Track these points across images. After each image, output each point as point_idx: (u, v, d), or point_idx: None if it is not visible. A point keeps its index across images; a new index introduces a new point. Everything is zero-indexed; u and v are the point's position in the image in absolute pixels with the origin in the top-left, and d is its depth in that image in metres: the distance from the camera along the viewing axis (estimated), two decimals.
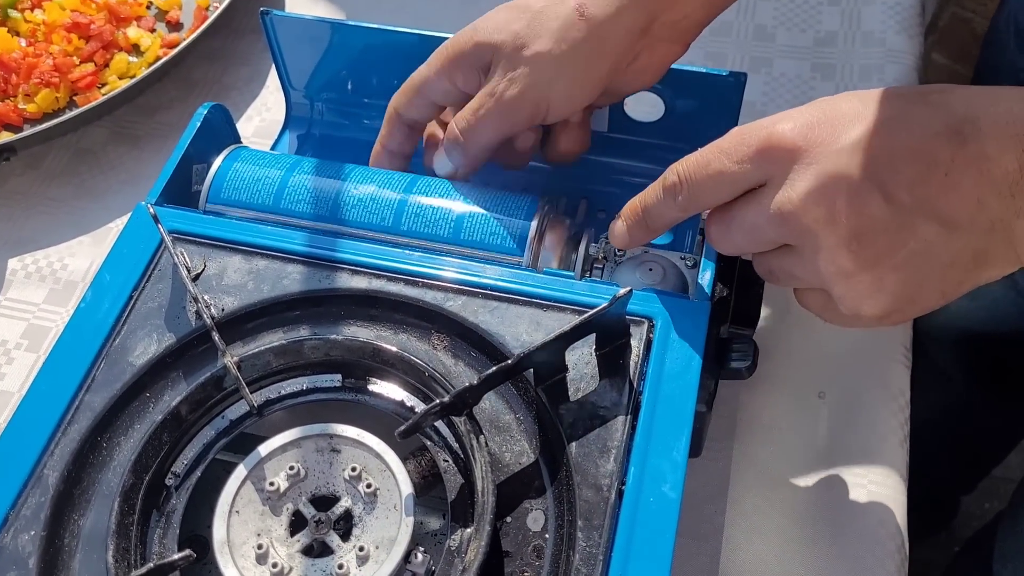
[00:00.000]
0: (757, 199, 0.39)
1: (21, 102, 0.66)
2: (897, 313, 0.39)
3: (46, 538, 0.39)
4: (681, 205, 0.42)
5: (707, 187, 0.41)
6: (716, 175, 0.40)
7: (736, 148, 0.39)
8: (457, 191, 0.49)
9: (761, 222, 0.39)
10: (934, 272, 0.37)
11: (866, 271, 0.37)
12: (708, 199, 0.41)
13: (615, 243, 0.46)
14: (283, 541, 0.39)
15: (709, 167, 0.40)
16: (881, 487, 0.48)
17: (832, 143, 0.37)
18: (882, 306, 0.38)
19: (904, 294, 0.38)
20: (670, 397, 0.41)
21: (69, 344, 0.44)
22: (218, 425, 0.43)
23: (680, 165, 0.42)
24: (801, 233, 0.38)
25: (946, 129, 0.35)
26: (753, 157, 0.39)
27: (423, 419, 0.38)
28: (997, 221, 0.35)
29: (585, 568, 0.37)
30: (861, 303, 0.38)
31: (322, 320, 0.45)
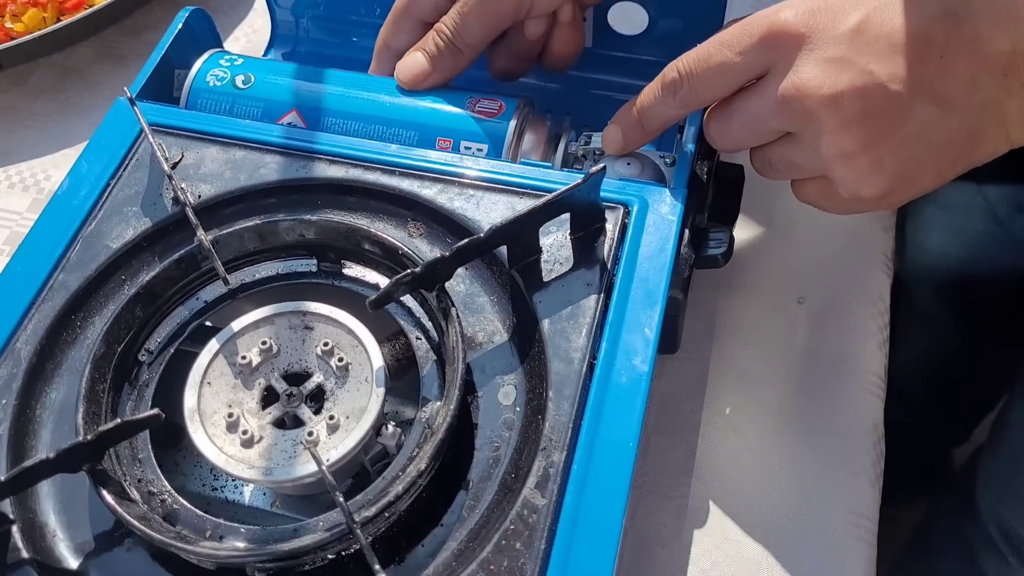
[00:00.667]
0: (759, 89, 0.40)
1: (8, 22, 0.66)
2: (895, 194, 0.40)
3: (17, 407, 0.39)
4: (681, 101, 0.42)
5: (709, 80, 0.41)
6: (718, 67, 0.40)
7: (739, 39, 0.40)
8: (435, 93, 0.49)
9: (764, 111, 0.40)
10: (931, 151, 0.38)
11: (867, 151, 0.38)
12: (710, 93, 0.42)
13: (608, 149, 0.46)
14: (254, 413, 0.39)
15: (711, 60, 0.40)
16: (858, 387, 0.48)
17: (833, 29, 0.37)
18: (881, 186, 0.39)
19: (902, 174, 0.39)
20: (643, 278, 0.41)
21: (45, 227, 0.44)
22: (192, 306, 0.43)
23: (680, 61, 0.42)
24: (804, 118, 0.38)
25: (940, 12, 0.36)
26: (756, 46, 0.39)
27: (394, 288, 0.38)
28: (990, 100, 0.37)
29: (555, 436, 0.37)
30: (861, 184, 0.39)
31: (299, 208, 0.45)
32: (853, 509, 0.44)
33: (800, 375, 0.48)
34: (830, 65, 0.37)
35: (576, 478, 0.36)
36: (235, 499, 0.42)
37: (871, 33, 0.37)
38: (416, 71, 0.48)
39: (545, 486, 0.36)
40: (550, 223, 0.42)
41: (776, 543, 0.43)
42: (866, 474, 0.45)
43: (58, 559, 0.36)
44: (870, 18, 0.37)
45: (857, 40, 0.37)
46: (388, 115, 0.48)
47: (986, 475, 0.66)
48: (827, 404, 0.47)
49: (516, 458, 0.37)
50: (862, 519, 0.44)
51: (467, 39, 0.48)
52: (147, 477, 0.38)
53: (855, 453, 0.46)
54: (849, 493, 0.45)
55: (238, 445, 0.38)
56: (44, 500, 0.38)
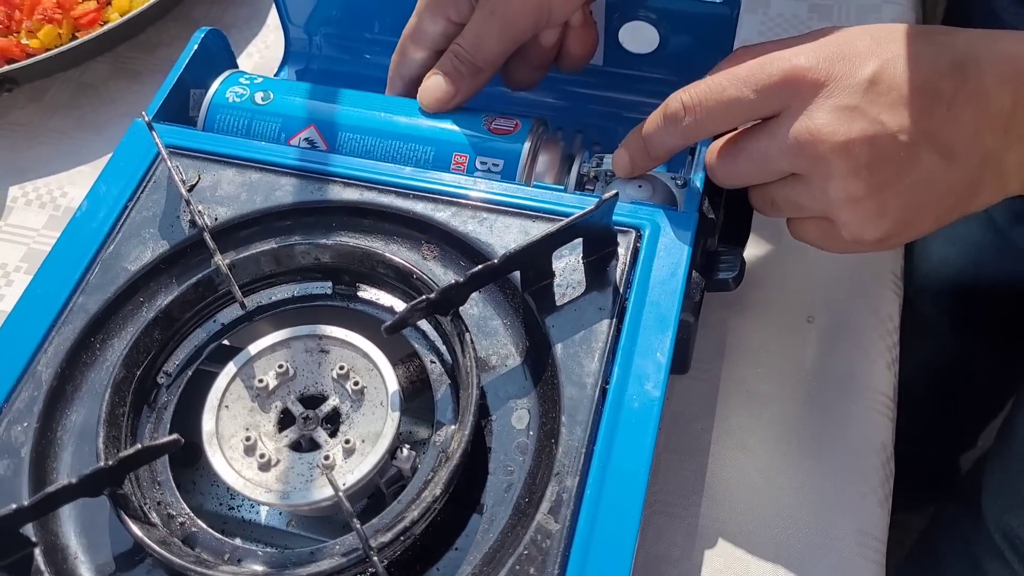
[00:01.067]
0: (770, 129, 0.41)
1: (24, 38, 0.66)
2: (895, 237, 0.41)
3: (39, 430, 0.40)
4: (684, 132, 0.43)
5: (718, 113, 0.42)
6: (731, 101, 0.41)
7: (756, 77, 0.40)
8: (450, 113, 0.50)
9: (774, 152, 0.41)
10: (932, 199, 0.39)
11: (873, 197, 0.39)
12: (716, 125, 0.42)
13: (618, 172, 0.47)
14: (271, 436, 0.40)
15: (724, 93, 0.41)
16: (867, 407, 0.48)
17: (850, 78, 0.39)
18: (883, 230, 0.40)
19: (904, 219, 0.40)
20: (655, 302, 0.41)
21: (64, 250, 0.45)
22: (210, 328, 0.44)
23: (686, 92, 0.43)
24: (815, 161, 0.39)
25: (950, 65, 0.38)
26: (774, 87, 0.40)
27: (409, 314, 0.39)
28: (990, 153, 0.38)
29: (568, 460, 0.38)
30: (865, 228, 0.40)
31: (314, 230, 0.45)
32: (862, 529, 0.44)
33: (809, 394, 0.49)
34: (844, 113, 0.38)
35: (589, 504, 0.36)
36: (251, 518, 0.43)
37: (884, 84, 0.38)
38: (439, 94, 0.48)
39: (559, 511, 0.36)
40: (563, 248, 0.43)
41: (785, 562, 0.44)
42: (875, 494, 0.46)
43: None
44: (884, 69, 0.38)
45: (871, 91, 0.38)
46: (406, 132, 0.49)
47: (991, 483, 0.66)
48: (836, 423, 0.48)
49: (530, 482, 0.38)
50: (870, 539, 0.44)
51: (487, 56, 0.48)
52: (166, 500, 0.39)
53: (864, 473, 0.46)
54: (858, 512, 0.45)
55: (255, 468, 0.39)
56: (66, 523, 0.38)
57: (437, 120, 0.49)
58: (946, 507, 0.74)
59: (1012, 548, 0.64)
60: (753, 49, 0.43)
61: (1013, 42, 0.38)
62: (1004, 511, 0.64)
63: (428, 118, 0.49)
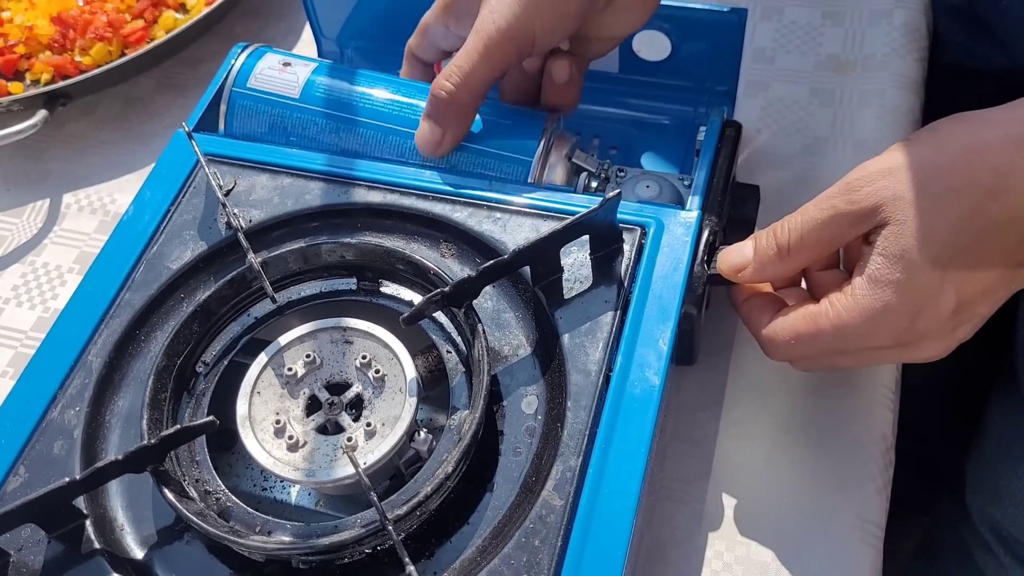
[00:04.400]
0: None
1: (77, 55, 0.71)
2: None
3: (89, 414, 0.44)
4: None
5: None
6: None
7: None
8: None
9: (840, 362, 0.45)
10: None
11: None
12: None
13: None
14: (300, 420, 0.43)
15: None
16: (869, 399, 0.50)
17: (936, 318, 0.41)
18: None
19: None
20: (658, 295, 0.44)
21: (113, 251, 0.49)
22: (244, 321, 0.47)
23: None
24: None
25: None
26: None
27: (425, 306, 0.42)
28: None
29: (572, 442, 0.40)
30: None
31: (340, 231, 0.49)
32: (861, 515, 0.46)
33: (813, 387, 0.51)
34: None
35: (591, 482, 0.39)
36: (283, 499, 0.46)
37: (966, 312, 0.41)
38: (428, 138, 0.49)
39: (562, 489, 0.39)
40: (571, 244, 0.45)
41: (785, 546, 0.46)
42: (874, 482, 0.47)
43: (125, 550, 0.41)
44: (962, 300, 0.40)
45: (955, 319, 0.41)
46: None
47: (973, 476, 0.67)
48: (838, 415, 0.50)
49: (537, 463, 0.41)
50: (869, 525, 0.46)
51: (471, 90, 0.48)
52: (204, 477, 0.42)
53: (864, 462, 0.48)
54: (857, 500, 0.47)
55: (284, 449, 0.42)
56: (113, 498, 0.42)
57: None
58: (942, 501, 0.75)
59: (999, 540, 0.65)
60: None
61: None
62: (987, 504, 0.65)
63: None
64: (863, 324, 0.41)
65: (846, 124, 0.61)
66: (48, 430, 0.43)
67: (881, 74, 0.63)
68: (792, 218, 0.43)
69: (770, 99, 0.63)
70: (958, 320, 0.41)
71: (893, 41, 0.64)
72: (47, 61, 0.70)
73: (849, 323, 0.41)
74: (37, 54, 0.71)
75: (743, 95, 0.63)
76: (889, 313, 0.40)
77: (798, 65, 0.65)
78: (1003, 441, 0.64)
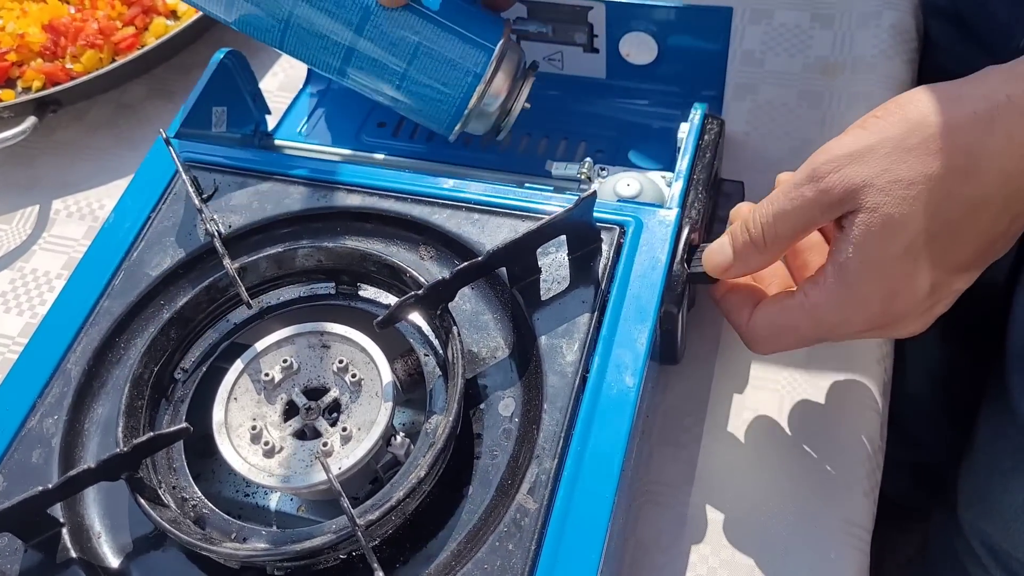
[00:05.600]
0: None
1: (68, 62, 0.71)
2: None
3: (68, 422, 0.44)
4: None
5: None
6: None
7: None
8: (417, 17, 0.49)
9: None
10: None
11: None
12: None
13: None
14: (276, 425, 0.43)
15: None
16: (856, 402, 0.49)
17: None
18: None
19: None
20: (636, 295, 0.43)
21: (93, 258, 0.49)
22: (223, 328, 0.47)
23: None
24: None
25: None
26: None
27: (399, 309, 0.42)
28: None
29: (548, 445, 0.40)
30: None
31: (320, 235, 0.48)
32: (847, 519, 0.46)
33: (800, 390, 0.50)
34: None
35: (566, 484, 0.39)
36: (264, 504, 0.46)
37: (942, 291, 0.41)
38: None
39: (537, 491, 0.39)
40: (549, 245, 0.45)
41: (771, 550, 0.45)
42: (860, 485, 0.47)
43: (102, 559, 0.41)
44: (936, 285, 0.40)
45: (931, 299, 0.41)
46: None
47: (965, 490, 0.66)
48: (825, 418, 0.49)
49: (512, 465, 0.40)
50: (856, 528, 0.45)
51: None
52: (180, 484, 0.42)
53: (850, 466, 0.47)
54: (844, 503, 0.46)
55: (260, 455, 0.42)
56: (90, 506, 0.42)
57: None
58: (935, 512, 0.74)
59: (990, 554, 0.64)
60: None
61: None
62: (978, 518, 0.64)
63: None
64: (837, 313, 0.40)
65: (834, 126, 0.60)
66: (27, 439, 0.43)
67: (870, 76, 0.62)
68: (763, 208, 0.41)
69: (759, 102, 0.62)
70: (935, 299, 0.40)
71: (882, 43, 0.64)
72: (38, 68, 0.70)
73: (824, 312, 0.41)
74: (28, 62, 0.71)
75: (732, 98, 0.62)
76: (863, 301, 0.40)
77: (787, 68, 0.64)
78: (993, 456, 0.63)
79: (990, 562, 0.63)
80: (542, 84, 0.56)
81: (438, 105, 0.50)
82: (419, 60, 0.49)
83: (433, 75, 0.49)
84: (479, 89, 0.49)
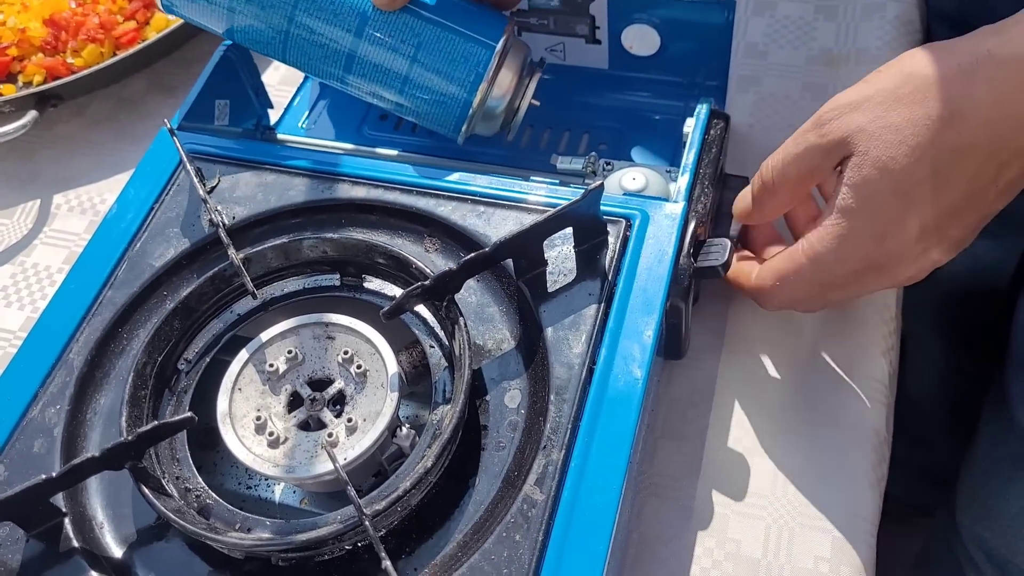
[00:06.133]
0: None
1: (69, 57, 0.71)
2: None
3: (70, 412, 0.43)
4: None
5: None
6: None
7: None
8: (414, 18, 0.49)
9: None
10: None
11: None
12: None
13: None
14: (281, 416, 0.43)
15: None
16: (862, 393, 0.49)
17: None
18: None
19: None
20: (642, 288, 0.43)
21: (96, 249, 0.49)
22: (227, 319, 0.47)
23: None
24: None
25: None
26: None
27: (405, 300, 0.41)
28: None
29: (555, 436, 0.40)
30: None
31: (325, 226, 0.48)
32: (853, 511, 0.46)
33: (805, 382, 0.50)
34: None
35: (573, 475, 0.38)
36: (267, 497, 0.46)
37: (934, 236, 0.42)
38: None
39: (544, 483, 0.38)
40: (556, 237, 0.45)
41: (776, 542, 0.45)
42: (867, 478, 0.47)
43: (104, 549, 0.40)
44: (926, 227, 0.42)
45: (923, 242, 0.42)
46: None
47: (963, 494, 0.66)
48: (831, 410, 0.49)
49: (519, 456, 0.40)
50: (861, 520, 0.45)
51: None
52: (184, 475, 0.42)
53: (857, 458, 0.47)
54: (850, 495, 0.46)
55: (265, 446, 0.41)
56: (93, 496, 0.42)
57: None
58: (936, 515, 0.74)
59: (988, 559, 0.64)
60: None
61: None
62: (976, 523, 0.64)
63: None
64: (833, 251, 0.43)
65: None
66: (28, 428, 0.43)
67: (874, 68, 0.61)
68: (773, 156, 0.45)
69: (762, 94, 0.63)
70: (927, 243, 0.42)
71: (886, 35, 0.64)
72: (39, 63, 0.70)
73: (821, 252, 0.43)
74: (29, 56, 0.71)
75: (735, 90, 0.62)
76: (855, 237, 0.42)
77: (790, 60, 0.64)
78: (992, 462, 0.63)
79: (987, 567, 0.63)
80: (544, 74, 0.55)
81: (442, 108, 0.50)
82: (419, 62, 0.48)
83: (434, 77, 0.49)
84: (482, 88, 0.49)
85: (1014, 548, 0.60)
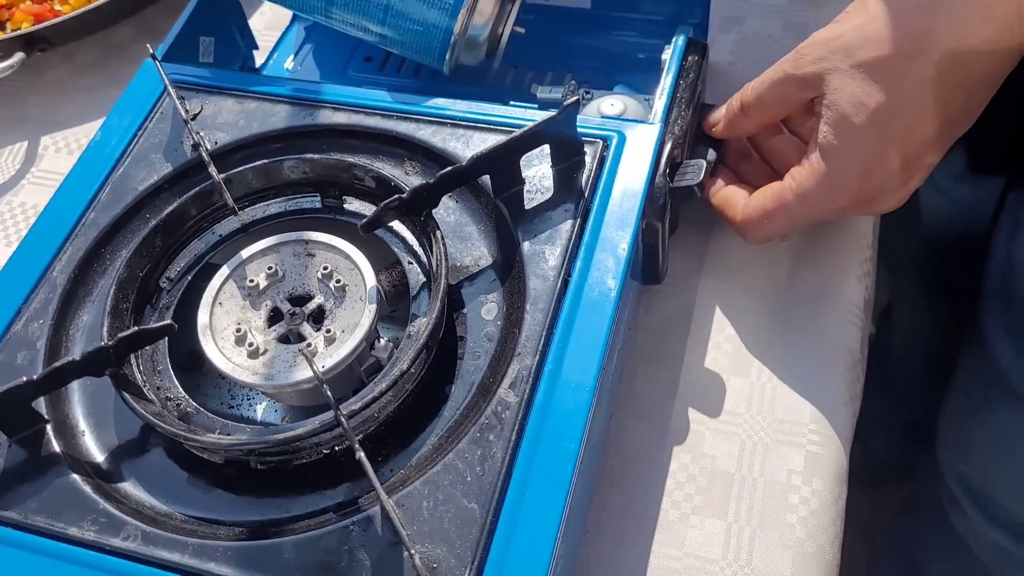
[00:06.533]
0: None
1: (57, 4, 0.71)
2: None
3: (53, 327, 0.44)
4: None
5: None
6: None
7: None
8: None
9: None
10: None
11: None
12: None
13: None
14: (261, 330, 0.43)
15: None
16: (838, 316, 0.50)
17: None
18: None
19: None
20: (619, 204, 0.44)
21: (79, 174, 0.49)
22: (209, 239, 0.47)
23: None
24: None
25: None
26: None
27: (383, 212, 0.42)
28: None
29: (529, 343, 0.40)
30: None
31: (306, 151, 0.49)
32: (827, 427, 0.46)
33: (782, 307, 0.51)
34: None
35: (547, 378, 0.39)
36: (249, 415, 0.46)
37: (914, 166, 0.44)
38: None
39: (518, 386, 0.39)
40: (534, 156, 0.45)
41: (751, 457, 0.46)
42: (840, 396, 0.47)
43: (86, 454, 0.41)
44: (906, 159, 0.43)
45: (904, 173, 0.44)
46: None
47: (943, 433, 0.67)
48: (807, 331, 0.49)
49: (494, 364, 0.41)
50: (835, 436, 0.46)
51: None
52: (165, 385, 0.43)
53: (831, 377, 0.48)
54: (824, 412, 0.47)
55: (244, 356, 0.42)
56: (75, 405, 0.42)
57: None
58: (920, 460, 0.75)
59: (967, 493, 0.65)
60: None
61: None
62: (956, 458, 0.65)
63: None
64: (822, 189, 0.44)
65: None
66: (11, 342, 0.44)
67: None
68: (752, 82, 0.48)
69: (744, 33, 0.63)
70: (908, 173, 0.43)
71: None
72: (27, 10, 0.70)
73: (809, 190, 0.45)
74: (17, 4, 0.71)
75: (717, 31, 0.63)
76: (842, 176, 0.44)
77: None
78: (968, 393, 0.64)
79: (966, 502, 0.64)
80: (526, 13, 0.56)
81: (425, 36, 0.50)
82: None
83: (415, 3, 0.49)
84: (463, 14, 0.49)
85: (991, 479, 0.61)
